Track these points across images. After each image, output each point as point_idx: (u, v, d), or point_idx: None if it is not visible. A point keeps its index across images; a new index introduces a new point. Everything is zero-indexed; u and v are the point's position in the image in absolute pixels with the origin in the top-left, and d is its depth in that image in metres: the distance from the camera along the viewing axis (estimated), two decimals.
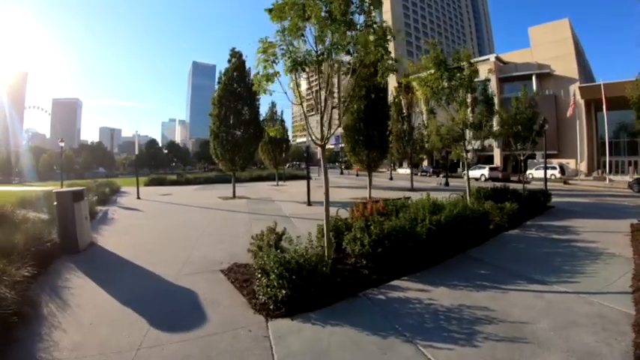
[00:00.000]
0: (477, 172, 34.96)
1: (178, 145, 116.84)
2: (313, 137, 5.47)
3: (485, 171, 34.00)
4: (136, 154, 20.26)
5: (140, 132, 21.09)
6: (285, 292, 4.12)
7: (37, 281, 5.06)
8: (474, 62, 10.56)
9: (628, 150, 38.11)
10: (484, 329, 3.71)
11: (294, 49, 5.00)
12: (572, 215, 11.35)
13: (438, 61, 9.82)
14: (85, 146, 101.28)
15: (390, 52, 5.61)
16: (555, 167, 34.28)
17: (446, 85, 9.90)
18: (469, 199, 10.58)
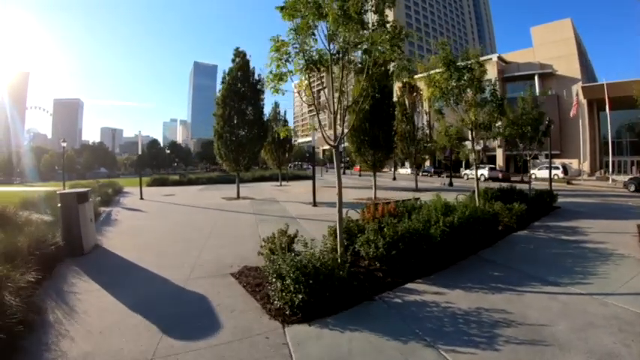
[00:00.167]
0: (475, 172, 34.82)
1: (180, 145, 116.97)
2: (326, 138, 5.34)
3: (485, 171, 33.99)
4: (139, 154, 20.07)
5: (142, 132, 20.91)
6: (301, 296, 3.99)
7: (41, 286, 4.90)
8: (482, 61, 10.42)
9: (630, 150, 38.21)
10: (504, 332, 3.68)
11: (308, 47, 4.88)
12: (579, 216, 11.30)
13: (447, 60, 9.67)
14: (86, 146, 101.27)
15: (404, 52, 5.49)
16: (558, 167, 34.14)
17: (454, 84, 9.76)
18: (477, 199, 10.42)
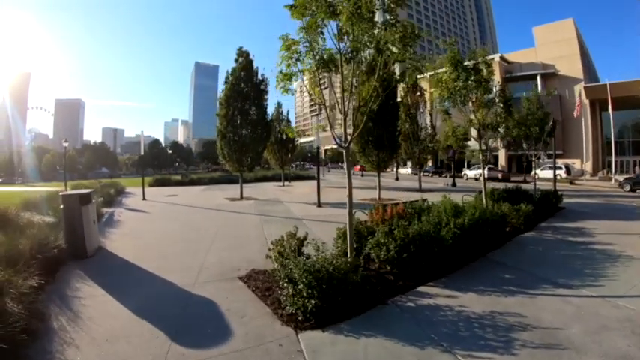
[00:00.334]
0: (475, 172, 34.90)
1: (182, 145, 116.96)
2: (336, 138, 5.22)
3: (484, 171, 33.71)
4: (141, 154, 19.97)
5: (143, 132, 20.82)
6: (314, 302, 3.87)
7: (44, 291, 4.75)
8: (489, 61, 10.30)
9: (633, 150, 38.22)
10: (519, 336, 3.64)
11: (319, 46, 4.78)
12: (584, 217, 11.26)
13: (455, 61, 9.56)
14: (88, 146, 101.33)
15: (415, 52, 5.37)
16: (561, 167, 34.04)
17: (461, 85, 9.65)
18: (485, 200, 10.29)
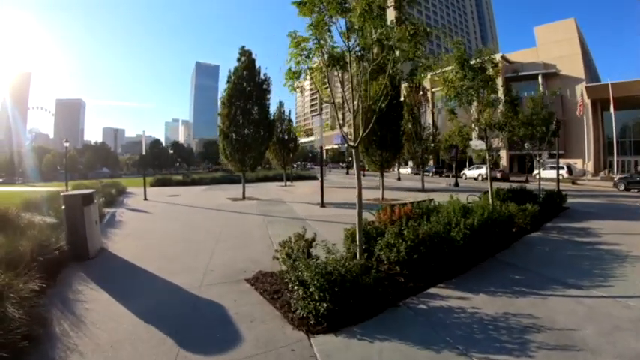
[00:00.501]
0: (474, 172, 34.91)
1: (182, 145, 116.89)
2: (346, 137, 5.11)
3: (483, 171, 33.84)
4: (143, 154, 19.85)
5: (145, 132, 20.73)
6: (326, 305, 3.76)
7: (46, 294, 4.60)
8: (495, 60, 10.21)
9: (634, 150, 38.19)
10: (535, 338, 3.60)
11: (327, 43, 4.68)
12: (589, 217, 11.23)
13: (461, 60, 9.46)
14: (88, 146, 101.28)
15: (425, 50, 5.26)
16: (563, 167, 33.97)
17: (468, 84, 9.55)
18: (491, 200, 10.18)
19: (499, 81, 11.97)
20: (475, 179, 33.48)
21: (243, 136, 15.87)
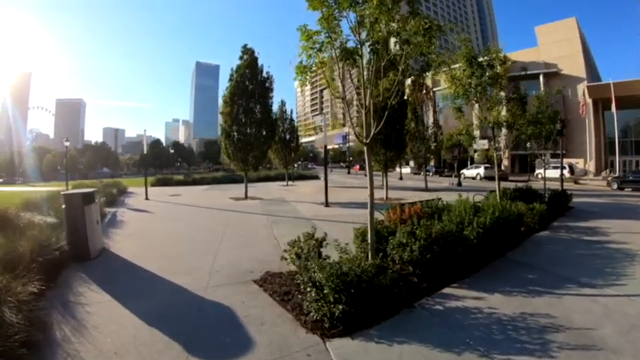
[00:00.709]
0: (472, 172, 34.75)
1: (183, 145, 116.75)
2: (358, 135, 4.95)
3: (481, 170, 33.67)
4: (144, 153, 19.70)
5: (145, 132, 20.59)
6: (342, 307, 3.59)
7: (45, 297, 4.40)
8: (503, 58, 10.07)
9: (636, 149, 38.08)
10: (555, 338, 3.54)
11: (341, 37, 4.58)
12: (594, 216, 11.21)
13: (469, 57, 9.33)
14: (89, 146, 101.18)
15: (437, 46, 5.11)
16: (565, 167, 33.82)
17: (476, 82, 9.42)
18: (499, 199, 10.03)
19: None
20: (473, 178, 33.35)
21: (246, 135, 15.66)
